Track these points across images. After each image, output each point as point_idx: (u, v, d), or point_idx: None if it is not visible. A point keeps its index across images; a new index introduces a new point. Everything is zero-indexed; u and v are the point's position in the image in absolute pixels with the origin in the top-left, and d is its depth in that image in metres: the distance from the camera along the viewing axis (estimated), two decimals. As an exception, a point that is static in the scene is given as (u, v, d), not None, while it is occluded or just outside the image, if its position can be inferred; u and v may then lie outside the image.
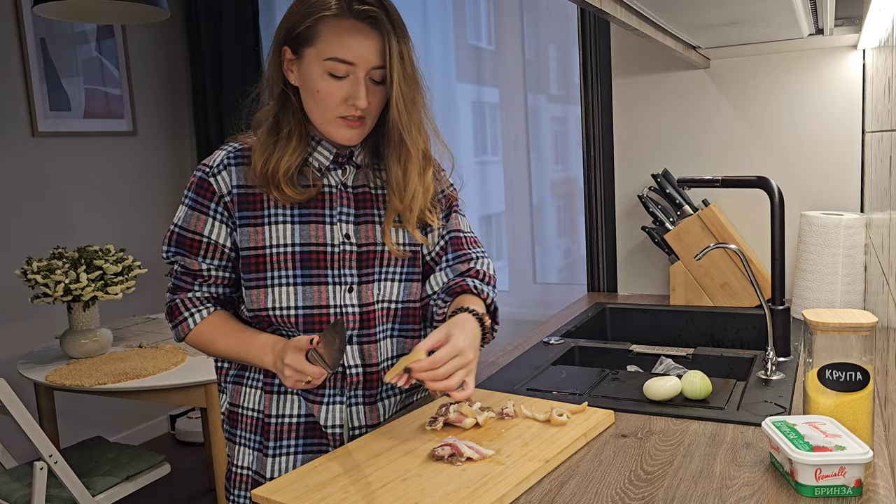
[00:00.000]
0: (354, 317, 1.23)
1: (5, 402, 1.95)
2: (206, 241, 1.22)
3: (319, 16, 1.12)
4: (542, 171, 3.13)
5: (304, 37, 1.14)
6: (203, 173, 1.22)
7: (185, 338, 1.26)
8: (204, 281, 1.24)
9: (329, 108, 1.16)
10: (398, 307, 1.28)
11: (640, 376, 1.47)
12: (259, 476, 1.26)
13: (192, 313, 1.24)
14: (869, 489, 0.95)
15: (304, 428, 1.25)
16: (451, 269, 1.32)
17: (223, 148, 1.25)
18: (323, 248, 1.22)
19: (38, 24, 3.21)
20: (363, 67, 1.14)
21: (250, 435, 1.27)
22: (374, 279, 1.25)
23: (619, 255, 2.29)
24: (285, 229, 1.20)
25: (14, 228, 3.15)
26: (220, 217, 1.21)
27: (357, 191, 1.25)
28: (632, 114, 2.22)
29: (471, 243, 1.36)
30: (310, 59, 1.15)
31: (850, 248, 1.74)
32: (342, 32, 1.12)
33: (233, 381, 1.30)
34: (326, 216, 1.22)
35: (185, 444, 3.63)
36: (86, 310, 2.39)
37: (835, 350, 1.04)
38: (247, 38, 3.58)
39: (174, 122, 3.88)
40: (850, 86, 1.95)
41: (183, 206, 1.24)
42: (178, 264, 1.25)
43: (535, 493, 0.99)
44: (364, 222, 1.25)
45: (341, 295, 1.22)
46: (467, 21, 3.19)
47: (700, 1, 1.27)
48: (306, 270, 1.21)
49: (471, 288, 1.26)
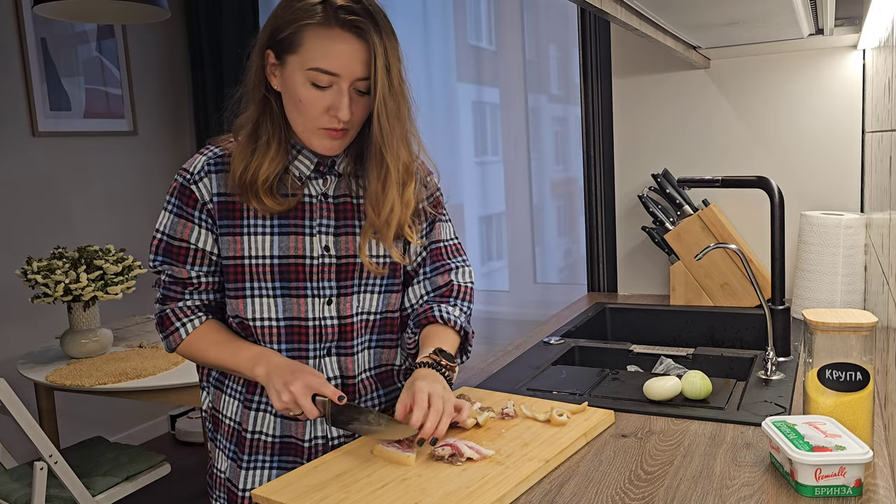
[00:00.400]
0: (333, 329, 1.21)
1: (5, 402, 1.95)
2: (193, 249, 1.19)
3: (304, 23, 1.08)
4: (542, 171, 3.13)
5: (288, 43, 1.11)
6: (185, 180, 1.19)
7: (176, 348, 1.23)
8: (194, 289, 1.22)
9: (311, 117, 1.12)
10: (377, 318, 1.26)
11: (640, 376, 1.47)
12: (232, 485, 1.25)
13: (183, 323, 1.21)
14: (869, 489, 0.95)
15: (280, 447, 1.23)
16: (430, 281, 1.30)
17: (203, 153, 1.21)
18: (302, 261, 1.19)
19: (38, 24, 3.21)
20: (347, 78, 1.10)
21: (227, 443, 1.26)
22: (354, 291, 1.22)
23: (619, 255, 2.29)
24: (264, 241, 1.18)
25: (14, 228, 3.15)
26: (205, 224, 1.19)
27: (338, 201, 1.22)
28: (632, 114, 2.22)
29: (451, 252, 1.33)
30: (293, 67, 1.11)
31: (850, 248, 1.74)
32: (327, 42, 1.08)
33: (214, 385, 1.28)
34: (306, 227, 1.19)
35: (185, 444, 3.63)
36: (86, 310, 2.39)
37: (835, 350, 1.04)
38: (247, 38, 3.56)
39: (174, 122, 3.88)
40: (850, 86, 1.95)
41: (166, 212, 1.21)
42: (165, 273, 1.22)
43: (535, 493, 0.99)
44: (344, 233, 1.22)
45: (320, 308, 1.20)
46: (467, 21, 3.19)
47: (700, 1, 1.27)
48: (285, 283, 1.19)
49: (437, 318, 1.24)
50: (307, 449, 1.22)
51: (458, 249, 1.36)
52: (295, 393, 1.09)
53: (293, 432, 1.22)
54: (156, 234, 1.21)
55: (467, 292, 1.32)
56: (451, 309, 1.27)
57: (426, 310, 1.26)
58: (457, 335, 1.26)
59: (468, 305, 1.32)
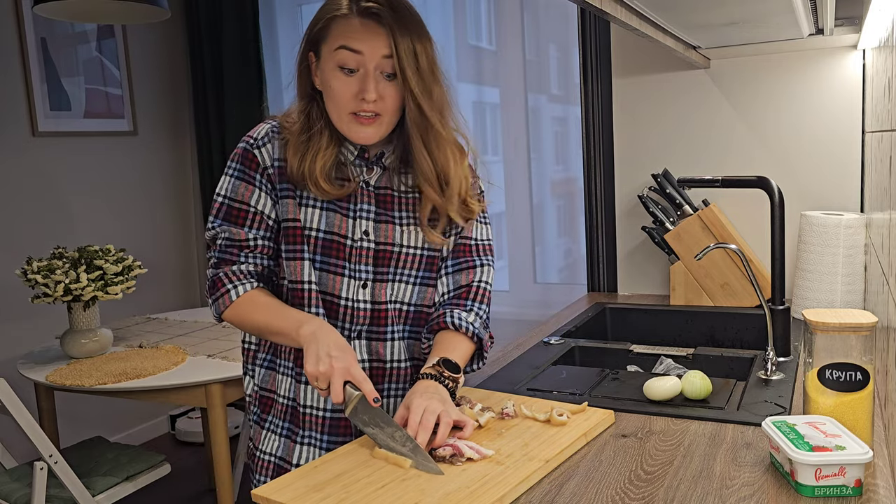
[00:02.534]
0: (365, 313, 1.26)
1: (5, 402, 1.95)
2: (252, 211, 1.24)
3: (332, 15, 1.18)
4: (542, 171, 3.13)
5: (319, 36, 1.20)
6: (248, 145, 1.25)
7: (224, 311, 1.24)
8: (251, 251, 1.25)
9: (342, 104, 1.18)
10: (411, 310, 1.30)
11: (640, 376, 1.47)
12: (284, 462, 1.28)
13: (234, 285, 1.23)
14: (869, 489, 0.95)
15: (330, 424, 1.26)
16: (452, 278, 1.33)
17: (267, 122, 1.28)
18: (343, 240, 1.24)
19: (38, 24, 3.21)
20: (371, 58, 1.16)
21: (280, 422, 1.29)
22: (389, 279, 1.27)
23: (619, 255, 2.29)
24: (314, 213, 1.24)
25: (14, 228, 3.15)
26: (265, 188, 1.24)
27: (379, 191, 1.28)
28: (632, 114, 2.22)
29: (479, 251, 1.36)
30: (325, 58, 1.19)
31: (850, 248, 1.74)
32: (350, 27, 1.17)
33: (266, 365, 1.31)
34: (350, 210, 1.25)
35: (185, 444, 3.63)
36: (86, 310, 2.39)
37: (835, 350, 1.04)
38: (247, 38, 3.58)
39: (174, 122, 3.88)
40: (850, 86, 1.95)
41: (227, 176, 1.26)
42: (221, 237, 1.25)
43: (535, 493, 0.99)
44: (385, 221, 1.27)
45: (354, 290, 1.25)
46: (467, 21, 3.19)
47: (700, 1, 1.27)
48: (325, 258, 1.24)
49: (448, 325, 1.25)
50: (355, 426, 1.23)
51: (487, 250, 1.38)
52: (334, 369, 1.10)
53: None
54: (216, 198, 1.27)
55: (484, 294, 1.34)
56: (466, 314, 1.28)
57: (440, 315, 1.28)
58: (470, 342, 1.27)
59: (485, 309, 1.33)
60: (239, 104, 3.63)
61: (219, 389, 2.15)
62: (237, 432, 3.46)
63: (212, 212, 1.27)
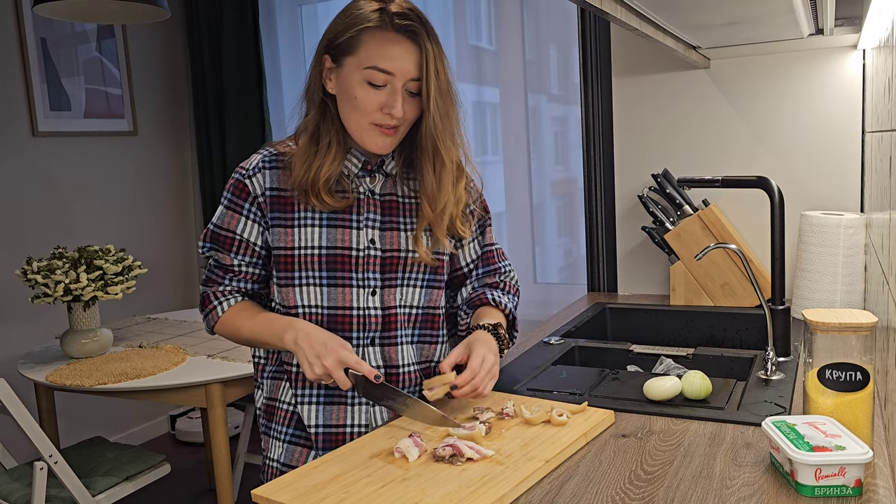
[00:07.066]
0: (377, 319, 1.28)
1: (5, 402, 1.95)
2: (238, 239, 1.28)
3: (362, 27, 1.17)
4: (542, 171, 3.13)
5: (346, 46, 1.19)
6: (240, 175, 1.28)
7: (215, 325, 1.32)
8: (234, 276, 1.30)
9: (365, 114, 1.20)
10: (419, 312, 1.33)
11: (640, 376, 1.47)
12: (287, 468, 1.30)
13: (220, 302, 1.30)
14: (869, 489, 0.95)
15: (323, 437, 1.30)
16: (479, 281, 1.43)
17: (260, 152, 1.31)
18: (348, 252, 1.26)
19: (38, 24, 3.21)
20: (401, 78, 1.18)
21: (282, 428, 1.31)
22: (397, 284, 1.30)
23: (619, 255, 2.29)
24: (313, 232, 1.25)
25: (14, 228, 3.15)
26: (254, 217, 1.27)
27: (384, 199, 1.30)
28: (632, 114, 2.22)
29: (500, 256, 1.46)
30: (350, 68, 1.19)
31: (850, 248, 1.74)
32: (383, 44, 1.17)
33: (272, 376, 1.34)
34: (354, 221, 1.27)
35: (185, 444, 3.63)
36: (86, 310, 2.39)
37: (835, 350, 1.04)
38: (247, 38, 3.58)
39: (174, 122, 3.88)
40: (850, 86, 1.95)
41: (221, 206, 1.30)
42: (212, 259, 1.32)
43: (535, 493, 0.99)
44: (390, 229, 1.29)
45: (364, 298, 1.27)
46: (467, 21, 3.19)
47: (700, 1, 1.27)
48: (331, 272, 1.26)
49: (489, 300, 1.35)
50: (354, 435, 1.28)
51: (503, 254, 1.47)
52: (328, 367, 1.16)
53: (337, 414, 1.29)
54: (208, 224, 1.32)
55: (515, 289, 1.46)
56: (501, 295, 1.39)
57: (479, 294, 1.39)
58: (505, 319, 1.36)
59: (516, 299, 1.44)
60: (239, 104, 3.63)
61: (219, 389, 2.15)
62: (237, 432, 3.46)
63: (201, 236, 1.32)
